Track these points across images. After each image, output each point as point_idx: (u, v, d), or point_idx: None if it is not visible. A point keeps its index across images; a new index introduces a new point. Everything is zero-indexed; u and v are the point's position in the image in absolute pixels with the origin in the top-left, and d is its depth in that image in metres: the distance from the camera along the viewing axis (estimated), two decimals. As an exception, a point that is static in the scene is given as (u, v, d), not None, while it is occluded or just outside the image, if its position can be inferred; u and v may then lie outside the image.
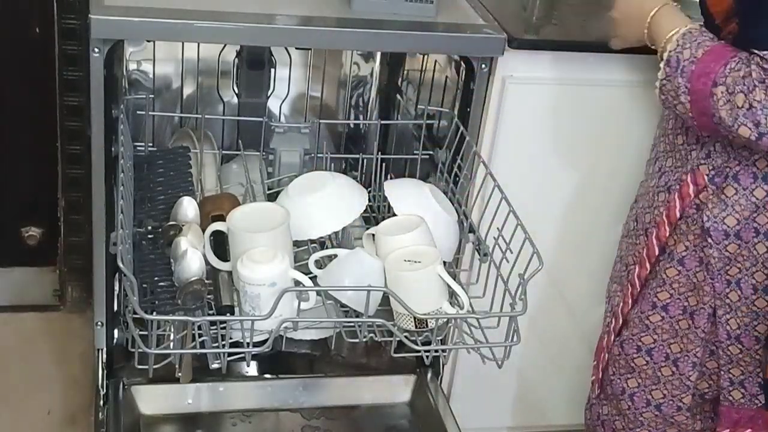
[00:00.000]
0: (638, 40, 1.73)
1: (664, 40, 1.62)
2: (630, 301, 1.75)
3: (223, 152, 2.11)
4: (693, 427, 1.81)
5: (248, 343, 1.54)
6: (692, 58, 1.55)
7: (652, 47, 1.69)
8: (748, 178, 1.58)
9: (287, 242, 1.66)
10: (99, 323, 1.97)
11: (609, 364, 1.83)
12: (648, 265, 1.72)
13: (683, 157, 1.70)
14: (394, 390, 2.11)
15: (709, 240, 1.62)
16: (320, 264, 1.71)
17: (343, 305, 1.68)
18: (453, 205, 1.88)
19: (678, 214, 1.67)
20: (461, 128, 1.94)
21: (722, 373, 1.69)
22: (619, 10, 1.77)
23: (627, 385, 1.78)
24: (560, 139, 2.08)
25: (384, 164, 2.06)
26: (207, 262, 1.61)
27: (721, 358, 1.68)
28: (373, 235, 1.71)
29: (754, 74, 1.46)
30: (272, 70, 2.27)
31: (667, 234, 1.68)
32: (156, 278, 1.62)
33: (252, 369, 2.09)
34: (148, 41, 2.17)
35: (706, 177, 1.63)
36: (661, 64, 1.61)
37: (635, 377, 1.77)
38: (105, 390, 1.96)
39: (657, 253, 1.70)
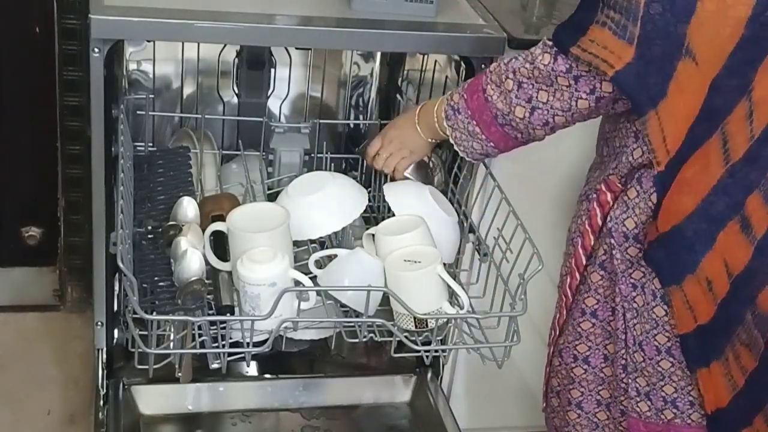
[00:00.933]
0: (426, 145, 1.79)
1: (434, 112, 1.70)
2: (564, 312, 1.73)
3: (223, 152, 2.11)
4: None
5: (248, 343, 1.54)
6: (461, 93, 1.65)
7: (439, 136, 1.74)
8: (649, 181, 1.55)
9: (287, 242, 1.66)
10: (99, 323, 1.97)
11: (552, 375, 1.81)
12: (578, 275, 1.69)
13: (603, 166, 1.69)
14: (394, 390, 2.11)
15: (611, 241, 1.60)
16: (320, 264, 1.71)
17: (343, 305, 1.68)
18: (453, 205, 1.88)
19: (599, 222, 1.65)
20: (461, 128, 1.94)
21: (630, 381, 1.65)
22: (390, 135, 1.83)
23: (571, 395, 1.76)
24: (560, 138, 2.07)
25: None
26: (207, 262, 1.61)
27: (628, 365, 1.65)
28: (373, 235, 1.72)
29: (520, 58, 1.56)
30: (272, 70, 2.27)
31: (592, 242, 1.66)
32: (156, 278, 1.62)
33: (252, 369, 2.10)
34: (148, 41, 2.17)
35: (618, 183, 1.61)
36: (445, 123, 1.68)
37: (576, 387, 1.75)
38: (105, 390, 1.96)
39: (584, 261, 1.68)
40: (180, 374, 1.88)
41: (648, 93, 1.45)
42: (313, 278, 1.66)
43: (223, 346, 1.58)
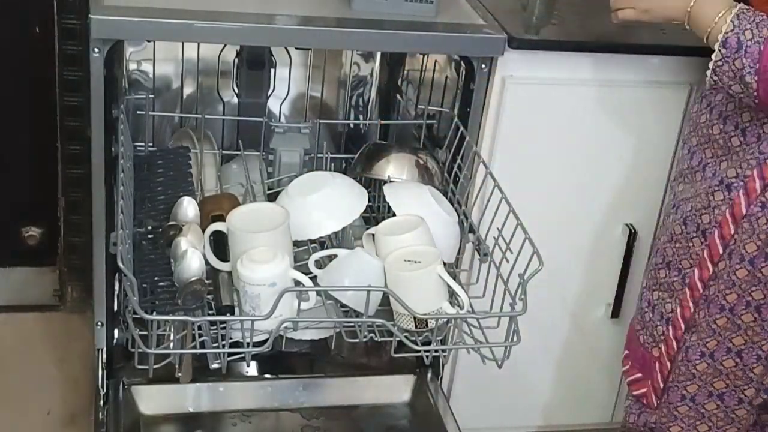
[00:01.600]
0: (669, 17, 1.71)
1: (713, 21, 1.59)
2: (691, 305, 1.72)
3: (223, 152, 2.11)
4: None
5: (248, 343, 1.54)
6: (757, 38, 1.54)
7: (687, 27, 1.67)
8: None
9: (287, 242, 1.66)
10: (99, 323, 1.97)
11: (668, 371, 1.79)
12: (710, 266, 1.69)
13: (742, 156, 1.66)
14: (394, 390, 2.11)
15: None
16: (320, 264, 1.71)
17: (343, 305, 1.68)
18: (453, 205, 1.88)
19: (743, 211, 1.64)
20: (461, 128, 1.94)
21: None
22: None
23: (686, 391, 1.75)
24: (560, 139, 2.08)
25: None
26: (207, 262, 1.61)
27: None
28: (373, 235, 1.71)
29: None
30: (272, 70, 2.27)
31: (732, 231, 1.65)
32: (156, 278, 1.62)
33: (252, 369, 2.09)
34: (148, 41, 2.17)
35: None
36: (716, 46, 1.58)
37: (695, 382, 1.75)
38: (105, 390, 1.96)
39: (721, 252, 1.67)
40: (180, 374, 1.88)
41: None
42: (313, 278, 1.66)
43: (223, 346, 1.58)
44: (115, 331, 2.03)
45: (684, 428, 1.79)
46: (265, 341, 1.52)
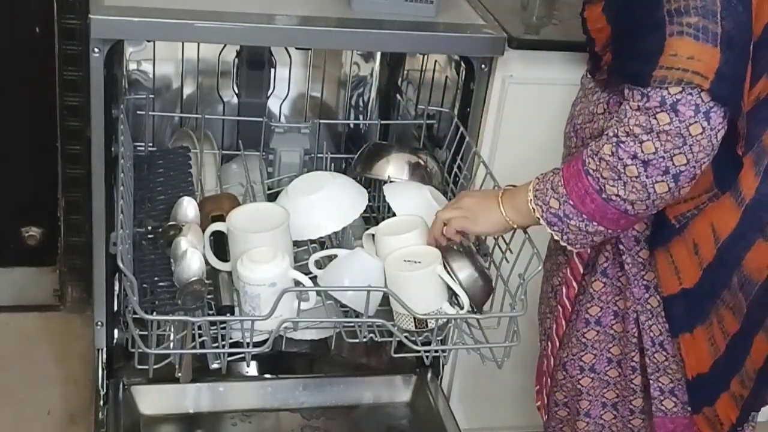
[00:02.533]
0: (501, 230, 1.61)
1: (529, 211, 1.52)
2: (563, 323, 1.71)
3: (223, 152, 2.11)
4: None
5: (248, 343, 1.54)
6: (561, 199, 1.48)
7: (521, 226, 1.58)
8: None
9: (287, 242, 1.66)
10: (99, 323, 1.97)
11: (556, 389, 1.80)
12: (575, 284, 1.68)
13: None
14: (394, 390, 2.11)
15: (621, 246, 1.59)
16: (320, 264, 1.71)
17: (343, 305, 1.68)
18: (453, 205, 1.88)
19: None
20: (461, 128, 1.95)
21: (651, 382, 1.65)
22: (468, 203, 1.62)
23: (580, 406, 1.75)
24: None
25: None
26: (207, 262, 1.61)
27: (648, 366, 1.64)
28: (373, 235, 1.71)
29: (635, 130, 1.37)
30: (272, 70, 2.27)
31: (590, 254, 1.64)
32: (156, 278, 1.62)
33: (252, 369, 2.09)
34: (148, 41, 2.17)
35: None
36: (548, 229, 1.51)
37: (584, 397, 1.74)
38: (105, 390, 1.96)
39: (581, 270, 1.66)
40: (180, 374, 1.88)
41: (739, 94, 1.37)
42: (313, 278, 1.66)
43: (223, 346, 1.58)
44: (115, 331, 2.03)
45: None
46: (265, 341, 1.52)
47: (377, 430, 2.05)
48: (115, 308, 2.01)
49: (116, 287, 1.98)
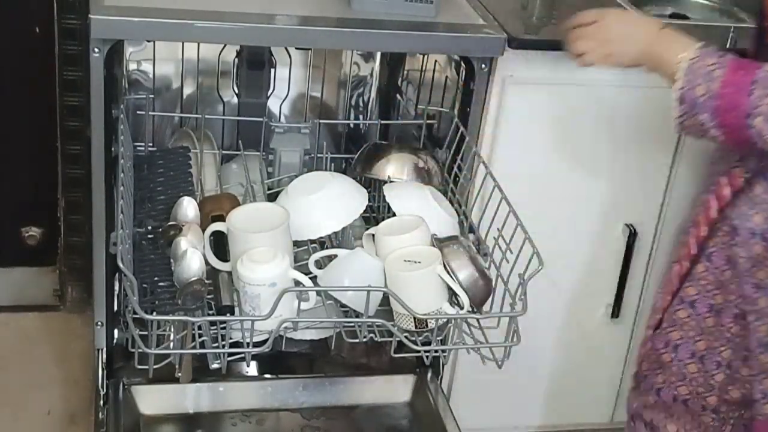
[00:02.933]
0: (631, 61, 1.63)
1: (672, 68, 1.53)
2: (669, 298, 1.72)
3: (223, 152, 2.11)
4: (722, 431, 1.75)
5: (248, 343, 1.54)
6: (709, 93, 1.48)
7: (650, 71, 1.60)
8: None
9: (287, 242, 1.66)
10: (99, 323, 1.97)
11: (643, 358, 1.81)
12: (687, 263, 1.68)
13: (722, 158, 1.66)
14: (394, 390, 2.11)
15: (737, 238, 1.58)
16: (320, 264, 1.71)
17: (343, 305, 1.68)
18: (453, 205, 1.88)
19: (715, 214, 1.62)
20: (461, 128, 1.94)
21: (755, 383, 1.62)
22: (611, 27, 1.65)
23: (656, 380, 1.76)
24: (560, 139, 2.08)
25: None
26: (207, 262, 1.61)
27: (752, 367, 1.62)
28: (373, 235, 1.71)
29: None
30: (272, 70, 2.27)
31: (704, 234, 1.65)
32: (156, 278, 1.62)
33: (252, 369, 2.09)
34: (148, 41, 2.17)
35: (741, 179, 1.59)
36: (674, 101, 1.53)
37: (662, 373, 1.75)
38: (105, 390, 1.95)
39: (693, 251, 1.67)
40: (180, 374, 1.88)
41: None
42: (313, 278, 1.66)
43: (223, 346, 1.58)
44: (115, 331, 2.03)
45: (655, 419, 1.79)
46: (265, 341, 1.52)
47: (377, 430, 2.05)
48: (115, 308, 2.01)
49: (116, 287, 1.98)
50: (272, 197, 1.93)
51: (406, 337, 1.61)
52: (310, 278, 1.61)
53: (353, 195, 1.81)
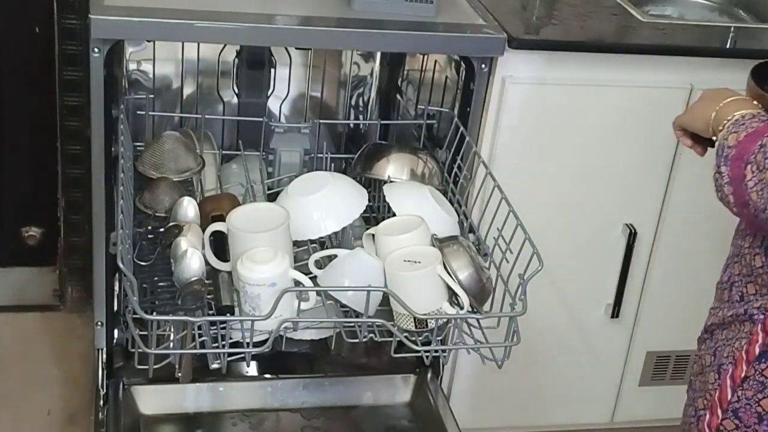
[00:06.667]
0: (702, 130, 1.44)
1: (720, 126, 1.37)
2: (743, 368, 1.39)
3: (223, 152, 2.11)
4: None
5: (248, 343, 1.54)
6: (735, 143, 1.29)
7: (713, 137, 1.41)
8: None
9: (287, 242, 1.66)
10: (99, 323, 1.97)
11: None
12: (719, 413, 1.38)
13: (766, 282, 1.37)
14: (394, 390, 2.11)
15: None
16: (320, 264, 1.71)
17: (343, 305, 1.68)
18: (453, 205, 1.88)
19: (757, 351, 1.33)
20: (461, 128, 1.95)
21: None
22: (704, 94, 1.48)
23: None
24: (560, 139, 2.08)
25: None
26: (207, 262, 1.61)
27: None
28: (373, 235, 1.71)
29: None
30: (272, 70, 2.27)
31: (743, 373, 1.34)
32: (156, 278, 1.62)
33: (252, 369, 2.09)
34: (148, 41, 2.17)
35: None
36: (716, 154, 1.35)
37: None
38: (105, 390, 1.96)
39: (729, 397, 1.36)
40: (180, 374, 1.88)
41: None
42: (313, 278, 1.66)
43: (223, 346, 1.58)
44: (115, 331, 2.03)
45: None
46: (265, 341, 1.52)
47: (377, 430, 2.05)
48: (115, 308, 2.01)
49: (116, 287, 1.98)
50: (272, 197, 1.93)
51: (406, 337, 1.61)
52: (310, 278, 1.61)
53: (353, 195, 1.81)
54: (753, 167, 1.24)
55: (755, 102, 1.38)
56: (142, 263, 1.66)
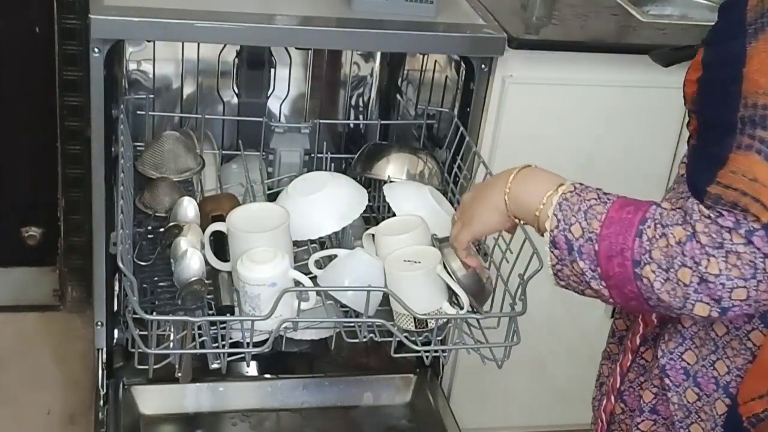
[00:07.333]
0: (500, 223, 1.35)
1: (537, 208, 1.25)
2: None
3: (223, 152, 2.11)
4: None
5: (248, 343, 1.54)
6: (588, 234, 1.18)
7: (520, 222, 1.34)
8: None
9: (287, 242, 1.66)
10: (99, 323, 1.97)
11: None
12: (612, 399, 1.41)
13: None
14: (394, 390, 2.11)
15: (667, 381, 1.28)
16: (320, 264, 1.71)
17: (343, 305, 1.68)
18: (453, 205, 1.88)
19: (638, 341, 1.36)
20: (461, 128, 1.95)
21: None
22: (467, 199, 1.41)
23: None
24: (560, 139, 2.08)
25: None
26: (207, 263, 1.61)
27: None
28: (373, 235, 1.71)
29: (703, 238, 1.09)
30: (272, 70, 2.27)
31: (629, 363, 1.38)
32: (156, 278, 1.62)
33: (252, 369, 2.09)
34: (148, 41, 2.17)
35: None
36: (547, 247, 1.23)
37: None
38: (105, 390, 1.96)
39: (618, 384, 1.40)
40: (180, 374, 1.88)
41: None
42: (313, 278, 1.65)
43: (223, 346, 1.58)
44: (115, 331, 2.03)
45: None
46: (265, 341, 1.52)
47: (377, 430, 2.05)
48: (115, 308, 2.01)
49: (116, 287, 1.98)
50: (272, 197, 1.93)
51: (406, 337, 1.61)
52: (310, 278, 1.60)
53: (353, 195, 1.81)
54: (653, 267, 1.13)
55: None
56: (142, 263, 1.66)
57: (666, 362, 1.27)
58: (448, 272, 1.60)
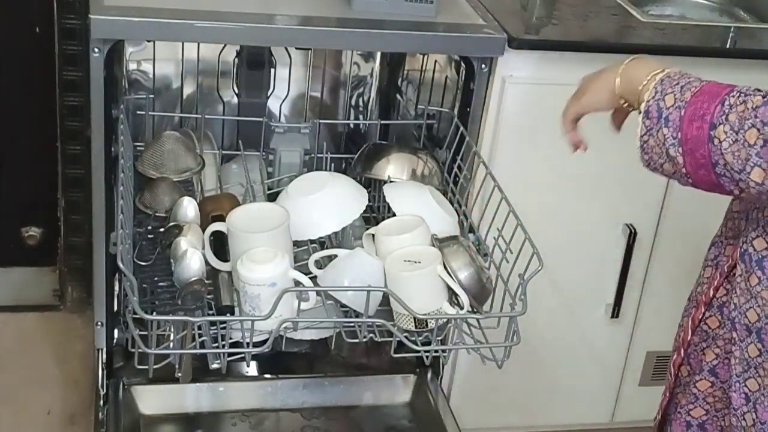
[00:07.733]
0: (607, 101, 1.44)
1: (639, 88, 1.32)
2: (668, 394, 1.51)
3: (223, 152, 2.11)
4: None
5: (248, 343, 1.54)
6: (678, 103, 1.24)
7: (625, 105, 1.40)
8: None
9: (287, 242, 1.66)
10: (99, 323, 1.97)
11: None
12: (682, 353, 1.47)
13: (735, 227, 1.40)
14: (394, 390, 2.11)
15: (734, 335, 1.32)
16: (320, 264, 1.71)
17: (343, 305, 1.68)
18: (453, 205, 1.88)
19: (711, 293, 1.40)
20: (461, 128, 1.95)
21: None
22: (586, 77, 1.48)
23: None
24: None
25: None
26: (207, 262, 1.61)
27: None
28: (373, 235, 1.71)
29: None
30: (272, 70, 2.27)
31: (701, 317, 1.43)
32: (156, 278, 1.62)
33: (252, 369, 2.09)
34: (148, 41, 2.17)
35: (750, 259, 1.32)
36: (640, 118, 1.30)
37: None
38: (105, 390, 1.96)
39: (689, 337, 1.44)
40: (180, 374, 1.88)
41: None
42: (313, 278, 1.66)
43: (223, 346, 1.58)
44: (115, 331, 2.03)
45: None
46: (265, 341, 1.52)
47: (377, 430, 2.05)
48: (115, 308, 2.01)
49: (116, 287, 1.98)
50: (272, 197, 1.93)
51: (406, 337, 1.61)
52: (310, 278, 1.61)
53: (353, 195, 1.81)
54: (726, 128, 1.20)
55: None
56: (142, 263, 1.66)
57: (735, 316, 1.32)
58: (448, 272, 1.60)
